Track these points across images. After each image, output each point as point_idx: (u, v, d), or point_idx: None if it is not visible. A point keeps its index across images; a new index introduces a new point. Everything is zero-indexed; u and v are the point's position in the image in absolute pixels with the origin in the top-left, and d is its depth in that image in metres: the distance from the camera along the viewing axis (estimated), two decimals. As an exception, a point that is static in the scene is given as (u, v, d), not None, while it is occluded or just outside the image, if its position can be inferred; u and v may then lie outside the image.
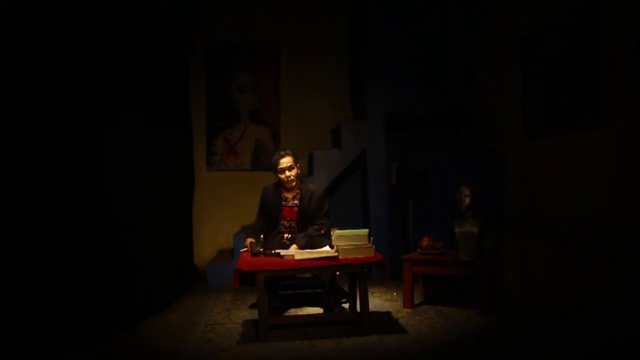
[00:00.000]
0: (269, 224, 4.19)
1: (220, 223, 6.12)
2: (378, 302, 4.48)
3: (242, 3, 6.22)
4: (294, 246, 3.95)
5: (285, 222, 4.17)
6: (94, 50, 3.65)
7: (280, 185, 4.13)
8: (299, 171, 4.07)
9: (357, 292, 3.73)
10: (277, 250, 3.79)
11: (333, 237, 3.75)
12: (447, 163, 5.05)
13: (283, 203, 4.13)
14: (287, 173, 4.00)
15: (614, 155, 3.59)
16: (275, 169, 4.04)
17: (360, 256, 3.62)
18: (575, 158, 3.98)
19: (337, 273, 4.05)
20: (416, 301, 4.36)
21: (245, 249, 3.98)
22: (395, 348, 3.33)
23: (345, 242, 3.66)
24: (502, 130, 5.10)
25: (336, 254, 3.61)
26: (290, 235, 4.15)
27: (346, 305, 4.27)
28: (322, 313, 4.11)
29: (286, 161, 3.99)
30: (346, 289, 4.33)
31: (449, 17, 5.62)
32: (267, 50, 6.27)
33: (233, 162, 6.26)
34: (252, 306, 4.31)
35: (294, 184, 4.05)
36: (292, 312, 4.21)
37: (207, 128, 6.23)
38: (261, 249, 3.81)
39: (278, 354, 3.26)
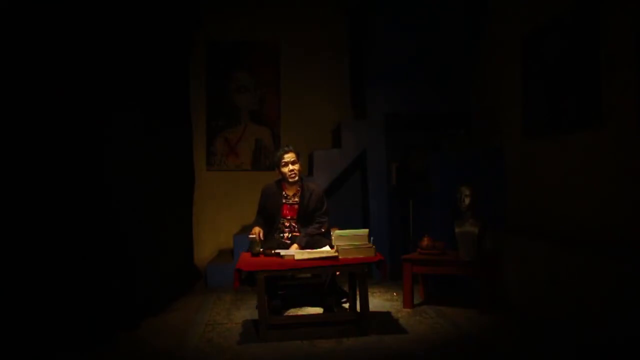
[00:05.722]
0: (268, 223, 4.20)
1: (220, 223, 6.12)
2: (378, 302, 4.48)
3: (242, 3, 6.21)
4: (295, 246, 3.96)
5: (286, 221, 4.18)
6: (94, 50, 3.65)
7: (282, 182, 4.15)
8: (300, 168, 4.12)
9: (357, 292, 3.73)
10: (277, 250, 3.80)
11: (333, 237, 3.75)
12: (447, 163, 5.05)
13: (284, 201, 4.15)
14: (291, 167, 4.05)
15: (614, 155, 3.59)
16: (278, 164, 4.09)
17: (360, 256, 3.63)
18: (575, 158, 3.98)
19: (337, 273, 4.05)
20: (416, 301, 4.36)
21: (254, 235, 3.94)
22: (395, 348, 3.33)
23: (345, 242, 3.66)
24: (502, 130, 5.10)
25: (336, 254, 3.61)
26: (290, 235, 4.16)
27: (346, 305, 4.27)
28: (322, 313, 4.11)
29: (290, 156, 4.06)
30: (346, 289, 4.33)
31: (450, 16, 5.61)
32: (267, 50, 6.26)
33: (233, 162, 6.26)
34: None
35: (296, 178, 4.09)
36: (292, 312, 4.21)
37: (207, 128, 6.22)
38: (261, 249, 3.81)
39: (278, 354, 3.26)
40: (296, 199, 4.16)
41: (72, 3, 3.44)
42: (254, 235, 3.90)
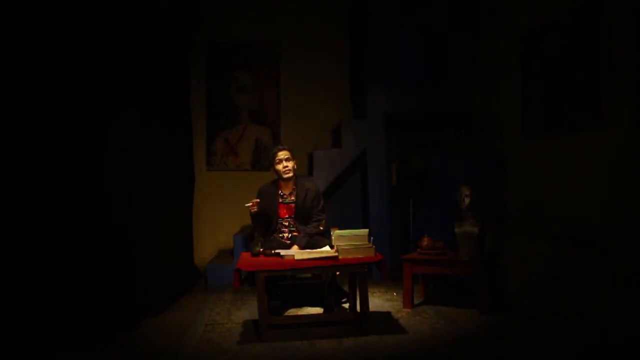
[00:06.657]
0: (267, 224, 4.20)
1: (220, 223, 6.12)
2: (378, 302, 4.48)
3: (242, 3, 6.22)
4: (296, 246, 3.96)
5: (284, 221, 4.18)
6: (94, 50, 3.65)
7: (278, 182, 4.17)
8: (295, 166, 4.13)
9: (357, 292, 3.73)
10: (277, 250, 3.80)
11: (333, 237, 3.75)
12: (447, 163, 5.05)
13: (280, 200, 4.16)
14: (285, 163, 4.09)
15: (614, 155, 3.59)
16: (272, 162, 4.13)
17: (360, 256, 3.62)
18: (575, 158, 3.98)
19: (337, 273, 4.05)
20: (416, 301, 4.36)
21: (253, 203, 3.97)
22: (395, 348, 3.33)
23: (345, 242, 3.66)
24: (502, 130, 5.10)
25: (336, 254, 3.61)
26: (290, 235, 4.16)
27: (346, 305, 4.27)
28: (322, 313, 4.10)
29: (283, 153, 4.11)
30: (346, 289, 4.33)
31: (450, 16, 5.62)
32: (267, 50, 6.26)
33: (233, 162, 6.26)
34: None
35: (291, 174, 4.11)
36: (292, 312, 4.21)
37: (207, 128, 6.22)
38: (261, 249, 3.81)
39: (278, 354, 3.26)
40: (292, 198, 4.17)
41: (72, 3, 3.44)
42: (251, 204, 3.94)
